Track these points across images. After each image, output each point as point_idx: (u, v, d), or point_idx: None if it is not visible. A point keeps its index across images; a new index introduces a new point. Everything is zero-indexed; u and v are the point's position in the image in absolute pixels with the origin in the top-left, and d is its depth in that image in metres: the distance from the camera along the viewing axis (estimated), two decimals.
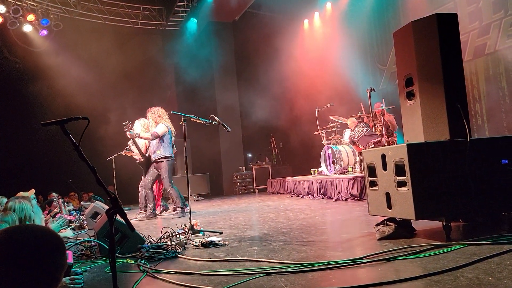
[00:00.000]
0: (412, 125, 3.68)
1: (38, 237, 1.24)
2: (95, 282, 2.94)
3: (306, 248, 3.29)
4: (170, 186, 6.77)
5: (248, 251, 3.39)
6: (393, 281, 2.23)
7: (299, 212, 5.97)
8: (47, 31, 10.63)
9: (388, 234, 3.39)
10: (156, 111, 6.83)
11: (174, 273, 2.88)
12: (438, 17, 3.51)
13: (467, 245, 2.84)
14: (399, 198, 3.27)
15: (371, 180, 3.68)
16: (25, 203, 3.28)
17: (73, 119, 1.89)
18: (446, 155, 3.23)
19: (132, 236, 3.70)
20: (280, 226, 4.63)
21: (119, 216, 1.89)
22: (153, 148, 6.82)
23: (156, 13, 12.77)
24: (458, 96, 3.47)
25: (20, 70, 10.49)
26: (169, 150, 6.81)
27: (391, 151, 3.37)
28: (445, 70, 3.45)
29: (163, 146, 6.74)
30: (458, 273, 2.26)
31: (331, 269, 2.60)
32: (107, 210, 1.86)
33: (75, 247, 3.98)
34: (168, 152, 6.77)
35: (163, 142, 6.74)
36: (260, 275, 2.61)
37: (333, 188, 7.33)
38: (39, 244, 1.22)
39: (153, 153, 6.82)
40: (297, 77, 11.18)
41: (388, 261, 2.68)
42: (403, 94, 3.77)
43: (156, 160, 6.80)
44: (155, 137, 6.62)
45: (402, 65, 3.84)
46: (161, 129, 6.69)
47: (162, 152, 6.73)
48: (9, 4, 9.74)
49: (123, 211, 1.87)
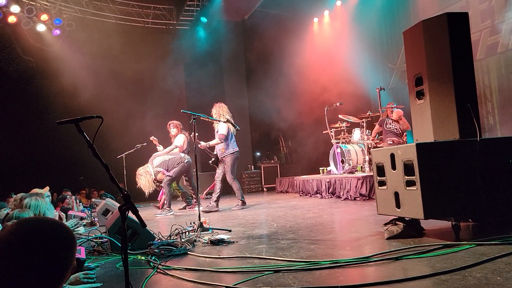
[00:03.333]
0: (421, 124, 3.67)
1: (51, 230, 1.24)
2: (106, 277, 2.99)
3: (314, 247, 3.32)
4: (232, 179, 7.10)
5: (257, 249, 3.42)
6: (400, 279, 2.24)
7: (307, 210, 5.98)
8: (60, 31, 10.77)
9: (396, 233, 3.39)
10: (219, 108, 7.01)
11: (184, 270, 2.92)
12: (448, 16, 3.50)
13: (476, 245, 2.83)
14: (408, 197, 3.27)
15: (380, 180, 3.69)
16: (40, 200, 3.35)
17: (87, 118, 1.94)
18: (455, 155, 3.22)
19: (143, 233, 3.75)
20: (289, 225, 4.66)
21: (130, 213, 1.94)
22: (219, 147, 7.10)
23: (166, 13, 12.84)
24: (468, 96, 3.45)
25: (33, 69, 10.64)
26: (233, 145, 7.07)
27: (400, 151, 3.37)
28: (455, 69, 3.44)
29: (226, 143, 6.98)
30: (466, 272, 2.26)
31: (339, 268, 2.62)
32: (120, 207, 1.91)
33: (87, 243, 4.05)
34: (232, 148, 7.03)
35: (226, 139, 6.98)
36: (268, 273, 2.64)
37: (342, 187, 7.32)
38: (52, 237, 1.22)
39: (219, 152, 7.10)
40: (306, 76, 11.16)
41: (396, 260, 2.69)
42: (413, 94, 3.77)
43: (222, 158, 7.09)
44: (223, 138, 6.91)
45: (412, 64, 3.84)
46: (224, 129, 6.93)
47: (226, 150, 7.01)
48: (23, 4, 9.90)
49: (135, 207, 1.92)
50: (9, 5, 9.57)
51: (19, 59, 10.39)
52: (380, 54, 11.61)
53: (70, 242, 1.26)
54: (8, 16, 9.74)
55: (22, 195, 3.77)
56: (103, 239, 4.01)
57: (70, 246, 1.26)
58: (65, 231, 1.27)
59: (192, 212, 7.17)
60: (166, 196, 7.18)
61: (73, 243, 1.28)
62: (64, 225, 1.31)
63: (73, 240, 1.28)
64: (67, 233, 1.28)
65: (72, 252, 1.27)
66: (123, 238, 1.93)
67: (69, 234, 1.28)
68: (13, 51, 10.28)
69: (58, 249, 1.22)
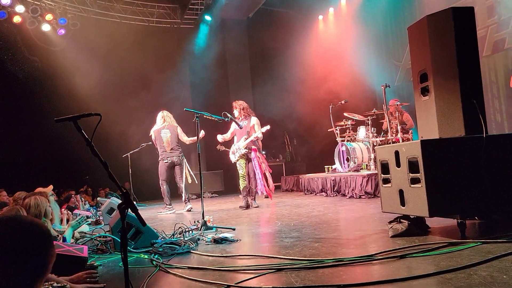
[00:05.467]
0: (426, 121, 3.62)
1: (23, 228, 1.35)
2: (109, 276, 2.99)
3: (318, 245, 3.29)
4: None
5: (260, 247, 3.40)
6: (404, 278, 2.21)
7: (312, 209, 5.95)
8: (64, 30, 10.82)
9: (401, 231, 3.35)
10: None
11: (186, 268, 2.91)
12: (453, 11, 3.44)
13: (481, 243, 2.79)
14: (413, 195, 3.23)
15: (384, 177, 3.65)
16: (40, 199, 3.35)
17: (85, 115, 1.92)
18: (461, 152, 3.17)
19: (146, 231, 3.75)
20: (293, 223, 4.63)
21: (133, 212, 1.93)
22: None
23: (170, 11, 12.85)
24: (474, 92, 3.40)
25: (39, 69, 10.69)
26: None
27: (405, 148, 3.33)
28: (460, 65, 3.38)
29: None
30: (472, 271, 2.22)
31: (342, 266, 2.59)
32: (119, 205, 1.90)
33: (90, 241, 4.06)
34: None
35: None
36: (271, 271, 2.62)
37: (347, 185, 7.28)
38: (26, 235, 1.34)
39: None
40: (311, 73, 11.12)
41: (400, 259, 2.65)
42: (418, 90, 3.72)
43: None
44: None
45: (416, 60, 3.79)
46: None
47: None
48: (28, 4, 9.94)
49: (134, 206, 1.91)
50: (14, 5, 9.63)
51: (25, 59, 10.45)
52: (385, 51, 11.54)
53: (43, 238, 1.38)
54: (13, 16, 9.81)
55: (25, 194, 3.77)
56: (106, 238, 4.01)
57: (43, 241, 1.38)
58: (37, 229, 1.38)
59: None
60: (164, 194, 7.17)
61: (46, 238, 1.39)
62: (38, 223, 1.42)
63: (46, 236, 1.39)
64: (40, 230, 1.38)
65: (47, 247, 1.38)
66: (122, 237, 1.92)
67: (41, 230, 1.39)
68: (19, 51, 10.34)
69: (33, 245, 1.34)
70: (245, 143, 6.64)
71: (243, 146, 6.65)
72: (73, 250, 2.99)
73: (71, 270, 2.68)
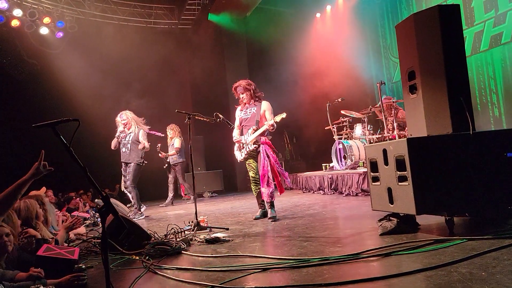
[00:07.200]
0: (415, 119, 3.64)
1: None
2: (100, 277, 3.02)
3: (307, 244, 3.31)
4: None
5: (250, 247, 3.43)
6: (385, 276, 2.23)
7: (307, 207, 5.97)
8: (62, 33, 10.87)
9: (390, 229, 3.37)
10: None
11: (175, 269, 2.95)
12: (440, 9, 3.44)
13: (467, 239, 2.81)
14: (400, 193, 3.25)
15: (373, 175, 3.67)
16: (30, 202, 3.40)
17: (64, 121, 1.96)
18: (448, 149, 3.19)
19: (138, 232, 3.78)
20: (286, 222, 4.66)
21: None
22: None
23: (168, 12, 12.89)
24: (461, 89, 3.41)
25: (38, 72, 10.75)
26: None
27: (392, 146, 3.35)
28: (447, 62, 3.39)
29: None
30: (452, 268, 2.24)
31: (327, 265, 2.61)
32: (99, 209, 1.93)
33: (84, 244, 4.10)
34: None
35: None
36: (256, 271, 2.65)
37: (344, 183, 7.29)
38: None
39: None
40: (308, 71, 11.10)
41: (385, 257, 2.67)
42: (406, 88, 3.74)
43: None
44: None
45: (404, 58, 3.81)
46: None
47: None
48: (26, 7, 10.00)
49: (114, 208, 1.94)
50: (11, 8, 9.68)
51: (24, 62, 10.50)
52: (383, 48, 11.51)
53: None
54: (11, 20, 9.86)
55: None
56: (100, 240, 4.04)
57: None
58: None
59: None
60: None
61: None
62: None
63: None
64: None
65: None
66: (102, 239, 1.95)
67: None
68: (18, 55, 10.40)
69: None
70: (253, 137, 5.11)
71: (251, 140, 5.12)
72: (63, 253, 3.03)
73: (61, 273, 2.73)
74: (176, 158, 9.25)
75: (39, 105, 10.31)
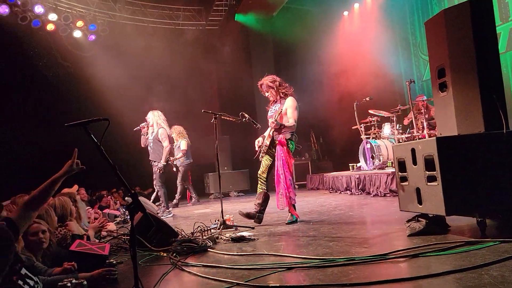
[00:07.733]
0: (445, 117, 3.54)
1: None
2: (129, 273, 3.11)
3: (333, 244, 3.29)
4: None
5: (275, 246, 3.43)
6: (412, 277, 2.19)
7: (334, 208, 5.91)
8: (94, 36, 11.23)
9: (418, 230, 3.30)
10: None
11: (201, 266, 2.99)
12: (471, 4, 3.34)
13: (500, 242, 2.71)
14: (429, 193, 3.17)
15: (401, 175, 3.60)
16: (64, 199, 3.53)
17: (95, 121, 2.03)
18: (479, 148, 3.09)
19: (166, 230, 3.86)
20: (312, 222, 4.63)
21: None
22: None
23: (195, 13, 13.06)
24: (494, 86, 3.29)
25: (71, 74, 11.14)
26: None
27: (421, 145, 3.27)
28: (479, 59, 3.29)
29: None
30: (484, 270, 2.18)
31: (353, 265, 2.59)
32: (127, 206, 1.99)
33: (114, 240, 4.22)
34: None
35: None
36: (281, 270, 2.65)
37: (372, 183, 7.18)
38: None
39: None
40: (335, 70, 10.99)
41: (413, 258, 2.62)
42: (436, 86, 3.64)
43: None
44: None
45: (434, 55, 3.71)
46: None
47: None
48: (60, 11, 10.39)
49: (142, 206, 1.99)
50: (47, 13, 10.08)
51: (58, 64, 10.90)
52: (413, 45, 11.24)
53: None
54: (46, 24, 10.27)
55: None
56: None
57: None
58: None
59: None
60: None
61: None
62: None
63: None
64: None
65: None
66: (131, 236, 2.01)
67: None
68: (53, 57, 10.81)
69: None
70: (268, 133, 4.95)
71: (267, 137, 4.94)
72: (95, 249, 3.14)
73: (92, 267, 2.83)
74: (183, 160, 9.11)
75: (72, 105, 10.68)
